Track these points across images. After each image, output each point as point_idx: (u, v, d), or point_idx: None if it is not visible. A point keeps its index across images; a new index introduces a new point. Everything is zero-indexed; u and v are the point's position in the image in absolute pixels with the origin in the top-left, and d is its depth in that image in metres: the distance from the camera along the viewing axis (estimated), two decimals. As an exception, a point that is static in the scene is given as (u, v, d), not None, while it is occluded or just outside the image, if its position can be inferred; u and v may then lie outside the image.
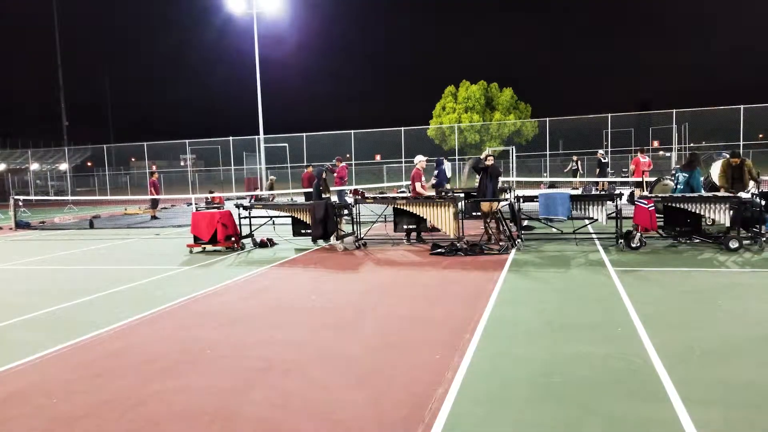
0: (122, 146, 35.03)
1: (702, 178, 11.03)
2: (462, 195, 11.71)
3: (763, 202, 8.98)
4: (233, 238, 10.79)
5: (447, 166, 21.37)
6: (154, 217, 19.09)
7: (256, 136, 29.53)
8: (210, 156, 34.21)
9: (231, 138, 31.17)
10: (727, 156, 10.50)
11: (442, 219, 9.76)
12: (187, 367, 4.45)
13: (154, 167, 26.24)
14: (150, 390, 4.01)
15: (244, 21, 28.95)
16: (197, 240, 10.69)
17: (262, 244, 11.14)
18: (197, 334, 5.36)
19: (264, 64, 29.64)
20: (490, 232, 10.30)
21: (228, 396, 3.84)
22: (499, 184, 10.28)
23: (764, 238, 8.83)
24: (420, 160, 11.29)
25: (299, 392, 3.86)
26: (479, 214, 11.00)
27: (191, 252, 10.67)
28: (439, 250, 9.42)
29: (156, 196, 19.52)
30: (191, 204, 16.83)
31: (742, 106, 24.03)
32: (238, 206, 11.24)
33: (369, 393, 3.79)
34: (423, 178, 11.27)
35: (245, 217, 11.31)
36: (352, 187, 16.86)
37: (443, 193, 12.01)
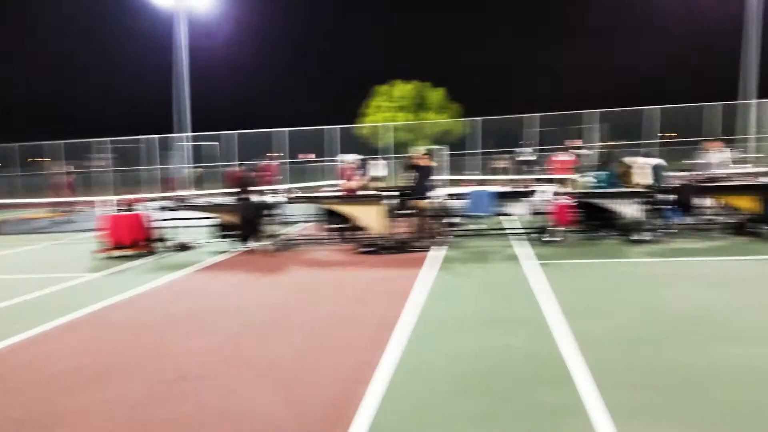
0: (33, 145, 32.96)
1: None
2: (394, 193, 11.74)
3: (671, 197, 9.53)
4: (148, 242, 10.33)
5: (380, 164, 21.46)
6: (68, 221, 18.08)
7: (183, 134, 28.56)
8: (132, 155, 32.79)
9: (156, 136, 30.00)
10: (644, 155, 11.10)
11: (371, 217, 9.76)
12: (95, 381, 4.20)
13: (68, 168, 24.87)
14: (52, 408, 3.76)
15: (171, 14, 27.94)
16: (111, 244, 10.18)
17: (183, 247, 10.72)
18: (107, 344, 5.08)
19: (192, 59, 28.73)
20: (419, 229, 10.39)
21: (140, 408, 3.65)
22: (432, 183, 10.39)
23: (672, 231, 9.37)
24: (351, 158, 11.26)
25: (217, 400, 3.73)
26: (410, 212, 11.08)
27: (102, 257, 10.15)
28: (367, 249, 9.42)
29: (71, 198, 18.49)
30: (107, 206, 16.06)
31: (659, 107, 25.51)
32: (158, 208, 10.79)
33: (291, 397, 3.71)
34: (356, 176, 11.24)
35: (166, 219, 10.87)
36: (283, 186, 16.62)
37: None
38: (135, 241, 10.07)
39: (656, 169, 10.60)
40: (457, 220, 11.53)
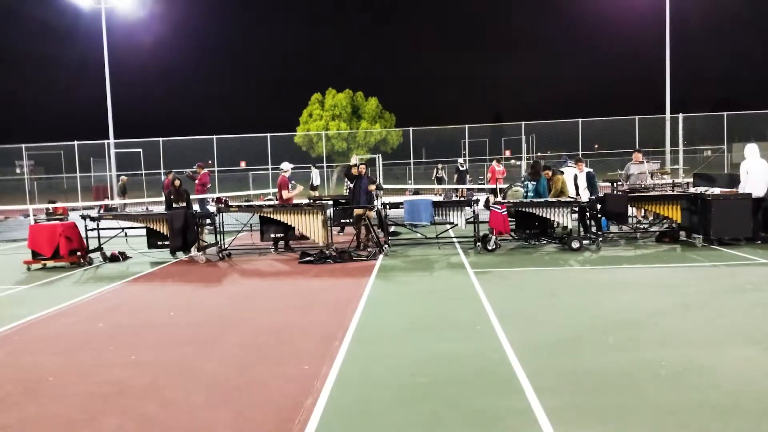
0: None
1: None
2: (330, 202, 11.72)
3: (599, 206, 10.03)
4: (79, 253, 9.82)
5: (315, 173, 21.35)
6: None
7: (106, 141, 27.28)
8: (51, 162, 30.97)
9: (75, 142, 28.49)
10: (571, 163, 11.63)
11: (310, 227, 9.69)
12: (24, 399, 3.93)
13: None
14: (-25, 429, 3.49)
15: (93, 15, 26.70)
16: (36, 255, 9.59)
17: (113, 258, 10.22)
18: (37, 360, 4.78)
19: (115, 62, 27.52)
20: (360, 238, 10.42)
21: (75, 427, 3.45)
22: (374, 192, 10.42)
23: (601, 239, 9.86)
24: (287, 167, 11.14)
25: (156, 416, 3.58)
26: (349, 221, 11.10)
27: (29, 269, 9.54)
28: (307, 259, 9.33)
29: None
30: (29, 216, 15.08)
31: (580, 120, 26.80)
32: (84, 217, 10.25)
33: (233, 411, 3.62)
34: (290, 186, 11.12)
35: (93, 229, 10.34)
36: (215, 195, 16.18)
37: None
38: (65, 251, 9.51)
39: (590, 178, 11.13)
40: (394, 229, 11.65)
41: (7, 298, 7.45)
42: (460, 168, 21.74)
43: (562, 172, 11.31)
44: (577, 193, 11.15)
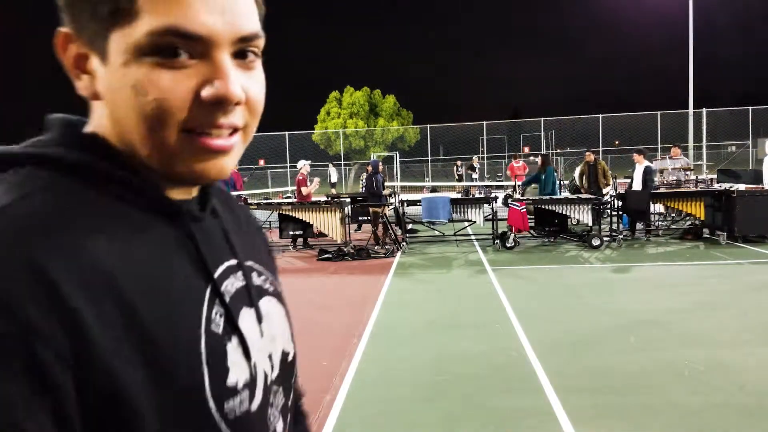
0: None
1: (567, 181, 11.95)
2: (348, 200, 11.75)
3: (619, 203, 9.91)
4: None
5: (333, 170, 21.42)
6: None
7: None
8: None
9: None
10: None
11: (328, 224, 9.72)
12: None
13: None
14: None
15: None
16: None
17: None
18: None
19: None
20: (377, 235, 10.43)
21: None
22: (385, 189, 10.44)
23: (622, 236, 9.73)
24: (304, 164, 11.18)
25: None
26: (367, 218, 11.12)
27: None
28: (326, 256, 9.37)
29: None
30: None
31: (600, 115, 26.50)
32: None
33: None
34: (308, 183, 11.17)
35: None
36: (234, 194, 16.31)
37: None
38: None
39: (647, 172, 10.42)
40: (411, 226, 11.64)
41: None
42: (475, 166, 21.76)
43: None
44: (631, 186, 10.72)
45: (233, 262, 0.63)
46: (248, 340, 0.59)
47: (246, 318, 0.61)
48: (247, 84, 0.54)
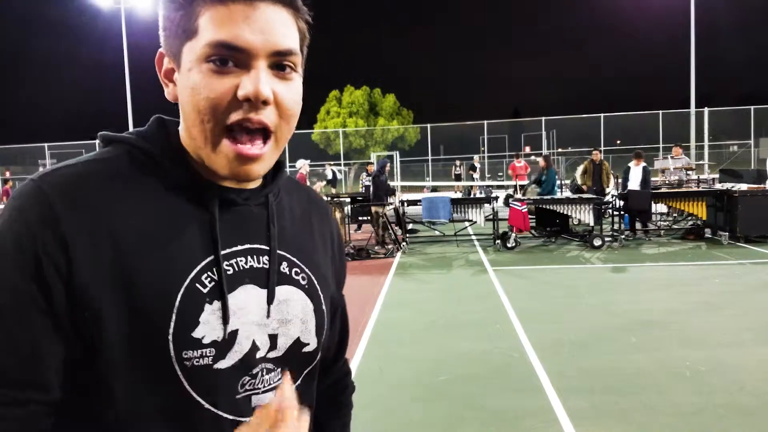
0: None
1: (568, 181, 11.91)
2: (348, 200, 11.72)
3: (621, 203, 9.87)
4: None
5: (329, 170, 21.37)
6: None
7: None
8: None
9: (97, 141, 28.90)
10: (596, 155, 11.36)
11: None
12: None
13: (7, 173, 23.62)
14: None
15: (114, 15, 27.06)
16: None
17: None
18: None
19: (136, 61, 27.86)
20: (377, 235, 10.41)
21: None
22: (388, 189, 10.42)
23: (623, 236, 9.70)
24: (303, 164, 11.16)
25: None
26: (367, 218, 11.09)
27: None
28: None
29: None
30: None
31: (602, 115, 26.46)
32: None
33: (252, 408, 3.62)
34: (307, 182, 11.14)
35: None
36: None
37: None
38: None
39: (645, 173, 10.29)
40: (412, 226, 11.61)
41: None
42: (476, 165, 21.76)
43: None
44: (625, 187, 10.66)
45: (262, 246, 0.73)
46: (234, 308, 0.68)
47: (246, 293, 0.70)
48: (280, 90, 0.67)
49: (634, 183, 10.13)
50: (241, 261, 0.70)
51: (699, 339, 4.60)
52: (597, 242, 9.21)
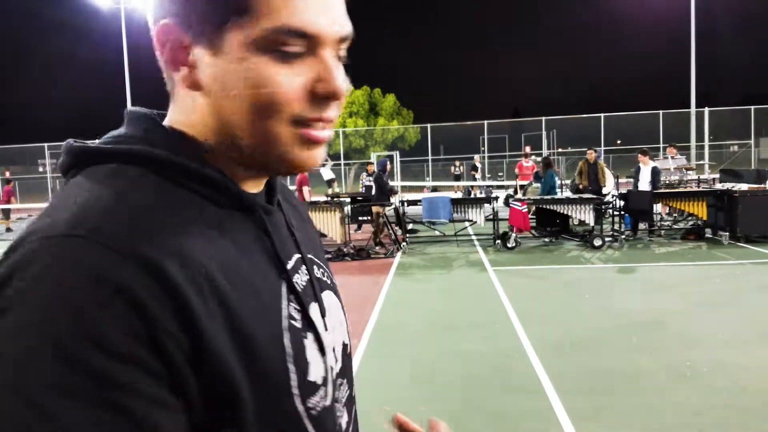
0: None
1: (569, 181, 11.90)
2: (348, 200, 11.70)
3: (621, 203, 9.86)
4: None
5: (328, 169, 21.33)
6: (8, 229, 17.20)
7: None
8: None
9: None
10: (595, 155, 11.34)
11: (328, 224, 9.68)
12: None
13: (7, 173, 23.61)
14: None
15: (113, 15, 27.05)
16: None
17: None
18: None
19: (135, 62, 27.86)
20: (377, 235, 10.39)
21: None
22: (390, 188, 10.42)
23: (624, 236, 9.68)
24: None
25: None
26: (367, 218, 11.08)
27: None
28: (326, 256, 9.31)
29: (10, 206, 17.60)
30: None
31: (602, 115, 26.44)
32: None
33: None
34: (309, 183, 11.13)
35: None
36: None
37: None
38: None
39: (654, 173, 10.13)
40: (412, 226, 11.60)
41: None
42: (477, 165, 21.74)
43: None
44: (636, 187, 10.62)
45: (298, 255, 0.65)
46: (321, 335, 0.60)
47: (314, 313, 0.62)
48: (346, 83, 0.58)
49: (644, 183, 10.09)
50: (297, 278, 0.62)
51: (699, 339, 4.59)
52: (597, 242, 9.20)
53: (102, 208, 0.49)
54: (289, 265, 0.61)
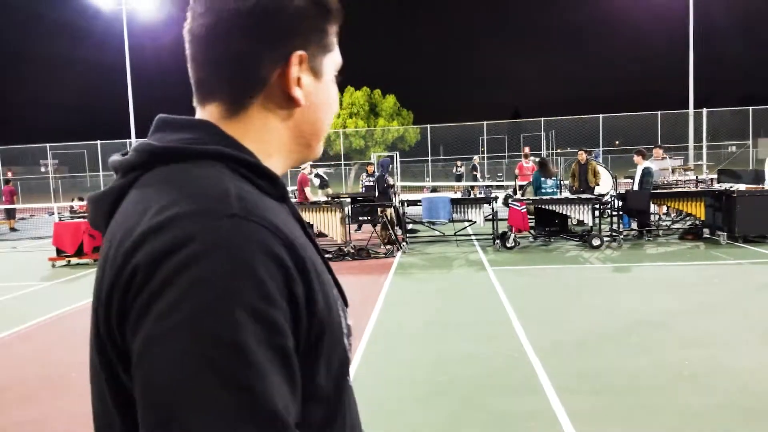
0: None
1: (567, 181, 11.92)
2: (348, 200, 11.72)
3: (619, 203, 9.89)
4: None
5: (326, 170, 21.33)
6: (12, 229, 17.22)
7: (128, 140, 27.66)
8: (75, 161, 31.53)
9: (98, 142, 28.94)
10: (597, 156, 11.37)
11: (328, 224, 9.71)
12: (48, 394, 4.01)
13: (9, 174, 23.61)
14: (3, 422, 3.57)
15: (115, 16, 27.05)
16: (60, 253, 9.76)
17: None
18: (61, 356, 4.86)
19: (137, 62, 27.86)
20: (378, 235, 10.42)
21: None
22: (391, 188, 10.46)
23: (622, 236, 9.72)
24: (305, 164, 11.17)
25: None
26: (368, 218, 11.10)
27: (54, 266, 9.72)
28: (326, 256, 9.33)
29: (13, 206, 17.62)
30: (53, 214, 15.43)
31: (601, 115, 26.47)
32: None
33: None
34: (310, 183, 11.16)
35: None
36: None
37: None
38: (89, 248, 9.69)
39: (643, 174, 10.06)
40: (412, 226, 11.63)
41: (32, 294, 7.60)
42: (477, 165, 21.75)
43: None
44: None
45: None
46: (344, 293, 0.77)
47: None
48: None
49: (635, 183, 10.16)
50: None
51: (698, 339, 4.62)
52: (596, 242, 9.24)
53: (236, 195, 0.60)
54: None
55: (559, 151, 28.86)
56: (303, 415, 0.63)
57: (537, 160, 11.71)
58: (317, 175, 19.80)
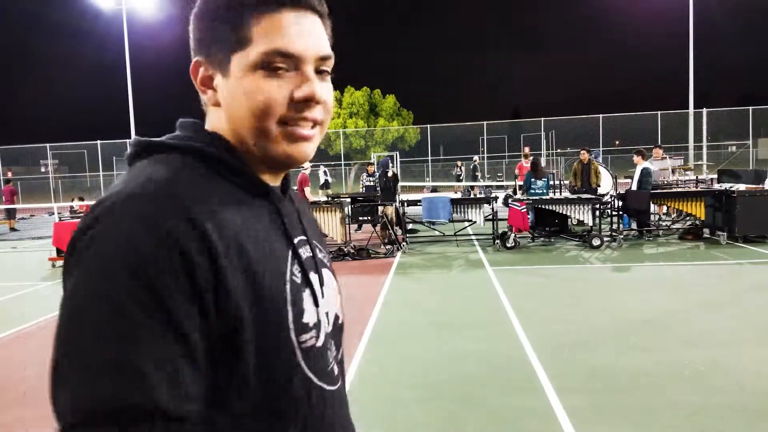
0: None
1: (567, 181, 11.93)
2: (348, 200, 11.73)
3: (619, 203, 9.90)
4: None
5: (325, 170, 21.34)
6: (12, 229, 17.22)
7: (128, 140, 27.58)
8: (75, 161, 31.53)
9: (98, 142, 28.93)
10: (598, 156, 11.38)
11: (328, 224, 9.72)
12: (48, 394, 4.00)
13: (9, 174, 23.60)
14: (3, 422, 3.57)
15: (115, 16, 27.03)
16: (61, 253, 9.76)
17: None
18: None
19: (137, 62, 27.85)
20: (378, 235, 10.43)
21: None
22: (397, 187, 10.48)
23: (622, 236, 9.72)
24: (306, 164, 11.18)
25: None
26: (368, 218, 11.11)
27: (54, 266, 9.72)
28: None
29: (13, 206, 17.62)
30: (53, 214, 15.43)
31: (600, 115, 26.48)
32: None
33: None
34: (310, 183, 11.17)
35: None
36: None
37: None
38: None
39: (642, 174, 10.06)
40: (412, 226, 11.63)
41: (32, 294, 7.60)
42: (477, 165, 21.76)
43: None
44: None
45: (303, 237, 0.82)
46: (316, 291, 0.78)
47: (313, 278, 0.79)
48: (323, 91, 0.76)
49: (634, 183, 10.18)
50: (301, 251, 0.79)
51: (698, 339, 4.62)
52: (596, 242, 9.24)
53: (162, 179, 0.67)
54: (296, 240, 0.78)
55: (559, 151, 28.86)
56: (221, 401, 0.66)
57: (531, 159, 11.73)
58: (324, 173, 19.85)
